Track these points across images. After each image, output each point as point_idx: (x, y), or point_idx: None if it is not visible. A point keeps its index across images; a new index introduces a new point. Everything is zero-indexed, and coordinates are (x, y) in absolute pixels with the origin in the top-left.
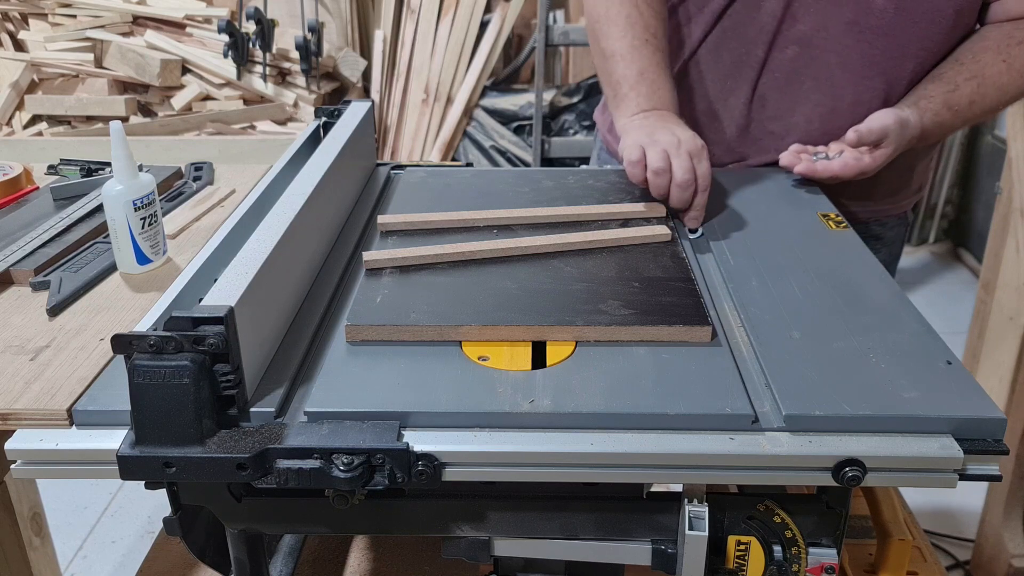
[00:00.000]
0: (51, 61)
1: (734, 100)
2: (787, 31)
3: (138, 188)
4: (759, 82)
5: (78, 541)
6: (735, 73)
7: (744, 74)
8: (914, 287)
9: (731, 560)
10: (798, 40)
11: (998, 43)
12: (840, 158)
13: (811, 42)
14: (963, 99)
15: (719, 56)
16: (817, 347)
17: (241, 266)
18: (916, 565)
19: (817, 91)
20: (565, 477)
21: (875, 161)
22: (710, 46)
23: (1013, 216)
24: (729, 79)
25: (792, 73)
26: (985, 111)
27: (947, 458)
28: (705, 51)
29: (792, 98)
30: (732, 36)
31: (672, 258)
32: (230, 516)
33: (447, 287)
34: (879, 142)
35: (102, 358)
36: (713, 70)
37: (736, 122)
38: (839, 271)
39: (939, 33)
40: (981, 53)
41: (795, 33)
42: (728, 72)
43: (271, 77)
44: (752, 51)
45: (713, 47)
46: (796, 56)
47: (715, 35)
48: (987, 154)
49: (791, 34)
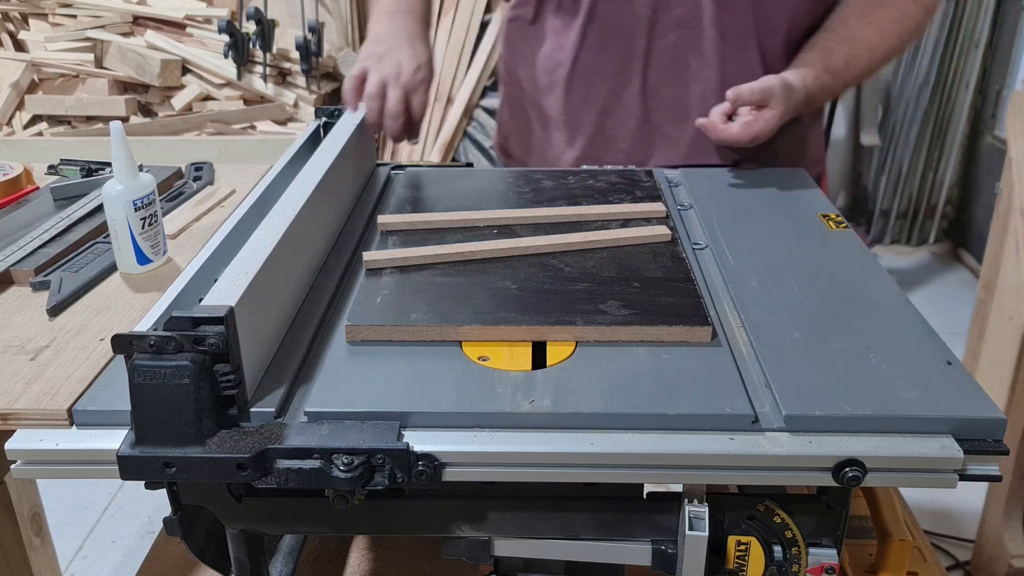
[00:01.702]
0: (51, 61)
1: (628, 95)
2: (663, 18)
3: (138, 188)
4: (647, 72)
5: (78, 541)
6: (623, 68)
7: (632, 66)
8: (914, 287)
9: (731, 560)
10: (676, 25)
11: (860, 8)
12: (736, 121)
13: (688, 23)
14: (839, 62)
15: (604, 54)
16: (817, 347)
17: (241, 266)
18: (916, 565)
19: (704, 68)
20: (565, 477)
21: (767, 123)
22: (592, 46)
23: (1013, 216)
24: (619, 74)
25: (677, 57)
26: (861, 71)
27: (947, 458)
28: (588, 53)
29: (683, 81)
30: (611, 32)
31: (672, 258)
32: (230, 516)
33: (447, 287)
34: (764, 101)
35: (102, 358)
36: (601, 69)
37: (635, 115)
38: (839, 271)
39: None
40: (848, 19)
41: (672, 18)
42: (616, 68)
43: (271, 77)
44: (634, 42)
45: (596, 46)
46: (678, 40)
47: (593, 34)
48: (987, 154)
49: (668, 20)
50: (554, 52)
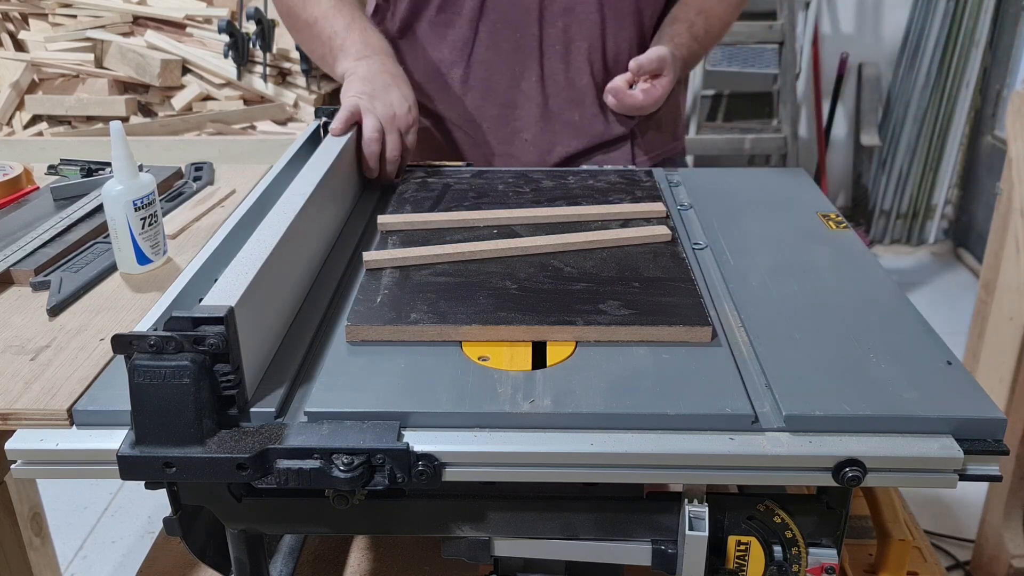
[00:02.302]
0: (51, 61)
1: (526, 83)
2: (550, 7)
3: (138, 188)
4: (543, 59)
5: (78, 541)
6: (519, 58)
7: (527, 54)
8: (914, 287)
9: (731, 560)
10: (563, 12)
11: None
12: (638, 88)
13: (574, 11)
14: (700, 30)
15: (498, 47)
16: (817, 347)
17: (241, 266)
18: (916, 565)
19: (592, 51)
20: (565, 477)
21: (664, 89)
22: (484, 42)
23: (1013, 216)
24: (516, 65)
25: (568, 42)
26: (715, 38)
27: (947, 458)
28: (482, 47)
29: (576, 64)
30: (503, 25)
31: (672, 258)
32: (230, 516)
33: (447, 287)
34: (659, 70)
35: (102, 358)
36: (497, 61)
37: (535, 103)
38: (839, 271)
39: None
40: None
41: (558, 7)
42: (512, 59)
43: (271, 77)
44: (526, 31)
45: (488, 42)
46: (567, 27)
47: (485, 30)
48: (987, 154)
49: (555, 8)
50: (443, 55)
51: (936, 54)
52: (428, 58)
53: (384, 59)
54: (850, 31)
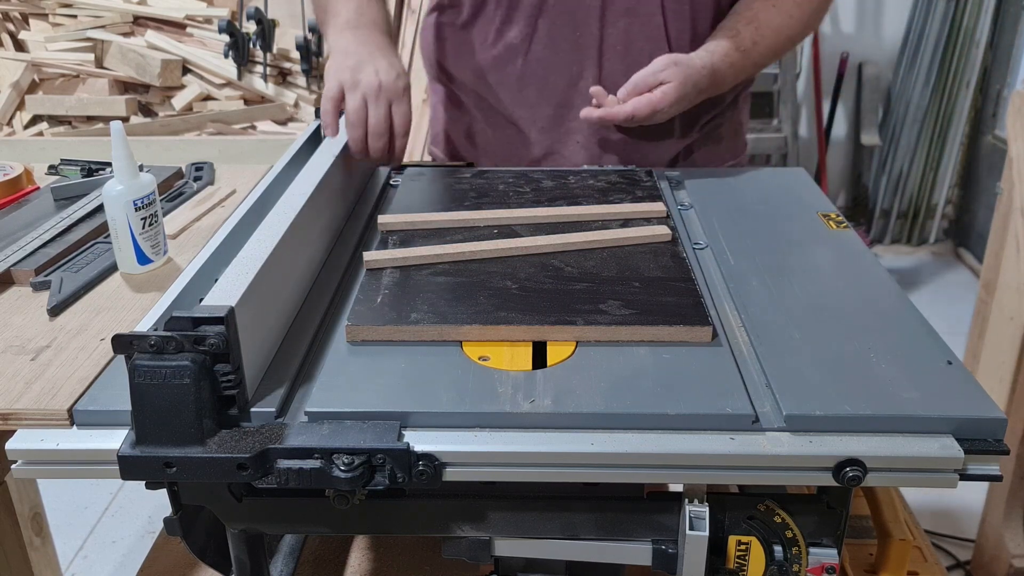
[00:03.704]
0: (52, 61)
1: (584, 83)
2: (612, 6)
3: (139, 188)
4: (602, 60)
5: (79, 541)
6: (577, 57)
7: (587, 54)
8: (914, 287)
9: (732, 560)
10: (625, 12)
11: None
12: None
13: (636, 11)
14: (746, 41)
15: (556, 45)
16: (817, 347)
17: (242, 266)
18: (916, 565)
19: (654, 53)
20: (565, 477)
21: (666, 96)
22: (543, 39)
23: (1013, 216)
24: (574, 64)
25: (628, 43)
26: (768, 51)
27: (947, 458)
28: (539, 46)
29: (636, 67)
30: (563, 24)
31: (672, 258)
32: (231, 516)
33: (447, 287)
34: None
35: (103, 358)
36: (554, 60)
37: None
38: (839, 271)
39: None
40: (751, 2)
41: (620, 7)
42: (570, 58)
43: (272, 77)
44: (587, 31)
45: (547, 39)
46: (628, 26)
47: (544, 27)
48: (987, 154)
49: (616, 8)
50: (502, 49)
51: (936, 54)
52: (490, 52)
53: (371, 31)
54: (850, 31)
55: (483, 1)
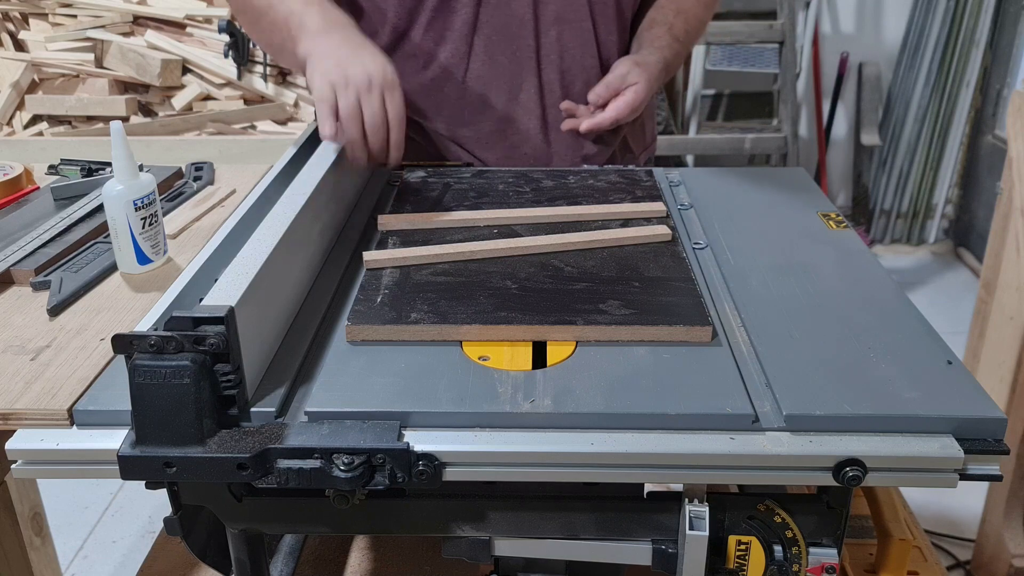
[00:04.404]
0: (52, 61)
1: (524, 95)
2: (543, 15)
3: (138, 188)
4: (541, 69)
5: (79, 541)
6: (517, 70)
7: (526, 66)
8: (914, 287)
9: (731, 560)
10: (556, 20)
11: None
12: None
13: (566, 18)
14: (680, 31)
15: (494, 60)
16: (817, 347)
17: (242, 266)
18: (916, 565)
19: (586, 57)
20: (565, 477)
21: (637, 94)
22: (480, 56)
23: (1014, 216)
24: (514, 77)
25: (562, 51)
26: (696, 36)
27: (947, 458)
28: (477, 62)
29: (571, 73)
30: (498, 39)
31: (672, 258)
32: (231, 516)
33: (447, 287)
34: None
35: (103, 358)
36: (494, 75)
37: (534, 114)
38: (839, 271)
39: None
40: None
41: (550, 15)
42: (510, 71)
43: (272, 77)
44: (522, 43)
45: (484, 55)
46: (560, 34)
47: (480, 43)
48: (987, 154)
49: (547, 17)
50: (436, 71)
51: (936, 54)
52: (417, 78)
53: (345, 31)
54: (850, 31)
55: (407, 28)
